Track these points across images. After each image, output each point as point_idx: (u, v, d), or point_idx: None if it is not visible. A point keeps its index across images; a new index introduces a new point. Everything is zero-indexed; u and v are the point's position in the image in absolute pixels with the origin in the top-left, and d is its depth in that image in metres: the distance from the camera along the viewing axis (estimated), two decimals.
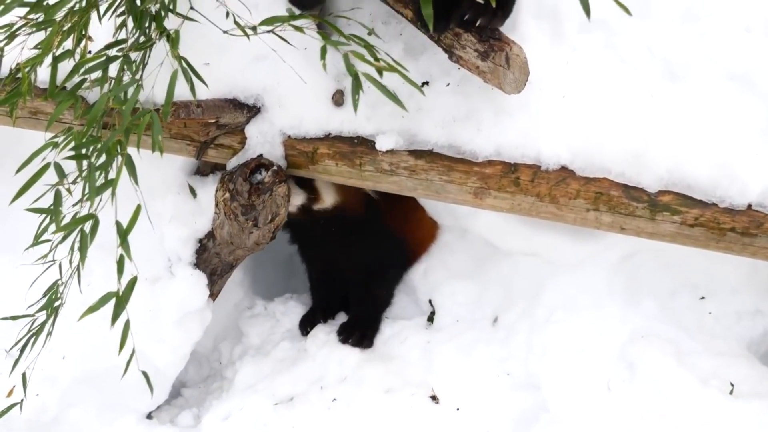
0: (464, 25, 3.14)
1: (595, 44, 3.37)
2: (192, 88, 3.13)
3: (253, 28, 3.04)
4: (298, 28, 2.97)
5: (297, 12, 3.04)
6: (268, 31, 3.06)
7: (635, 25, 3.38)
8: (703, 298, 3.65)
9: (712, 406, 3.33)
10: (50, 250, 3.17)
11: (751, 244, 3.21)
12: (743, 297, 3.62)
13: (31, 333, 3.23)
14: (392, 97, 2.93)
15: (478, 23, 3.11)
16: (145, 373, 3.13)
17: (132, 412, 3.83)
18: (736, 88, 3.32)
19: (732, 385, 3.39)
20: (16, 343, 3.23)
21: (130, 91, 3.05)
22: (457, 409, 3.61)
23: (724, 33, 3.38)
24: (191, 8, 3.23)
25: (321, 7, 3.53)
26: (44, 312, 3.21)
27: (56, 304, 3.20)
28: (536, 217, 3.44)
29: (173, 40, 3.13)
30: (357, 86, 2.86)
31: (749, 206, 3.18)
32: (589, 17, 2.30)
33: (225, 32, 3.15)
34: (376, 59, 2.88)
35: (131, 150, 3.00)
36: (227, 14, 3.15)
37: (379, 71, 2.89)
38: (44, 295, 3.20)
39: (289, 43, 3.08)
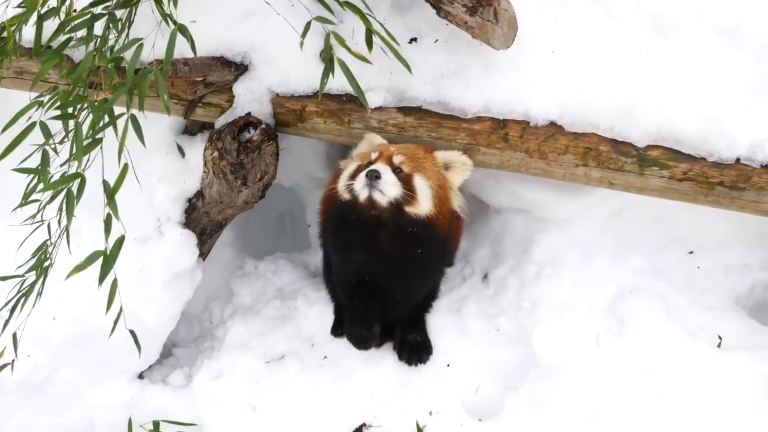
0: None
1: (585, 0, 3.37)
2: (193, 47, 3.17)
3: None
4: None
5: None
6: None
7: None
8: (691, 252, 3.68)
9: (700, 359, 3.34)
10: (38, 211, 3.18)
11: (740, 197, 3.24)
12: (731, 251, 3.65)
13: (20, 293, 3.25)
14: (360, 93, 3.11)
15: None
16: (132, 332, 3.17)
17: (123, 372, 3.86)
18: (725, 42, 3.33)
19: (720, 338, 3.41)
20: (6, 304, 3.24)
21: (131, 51, 3.06)
22: (448, 365, 3.61)
23: None
24: None
25: None
26: (33, 273, 3.22)
27: (45, 264, 3.22)
28: (525, 174, 3.47)
29: (160, 0, 3.12)
30: (328, 70, 2.99)
31: (737, 160, 3.21)
32: None
33: None
34: (370, 34, 2.95)
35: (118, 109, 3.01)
36: None
37: (363, 58, 3.03)
38: (33, 256, 3.22)
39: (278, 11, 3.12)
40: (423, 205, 3.27)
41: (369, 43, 3.01)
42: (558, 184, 3.54)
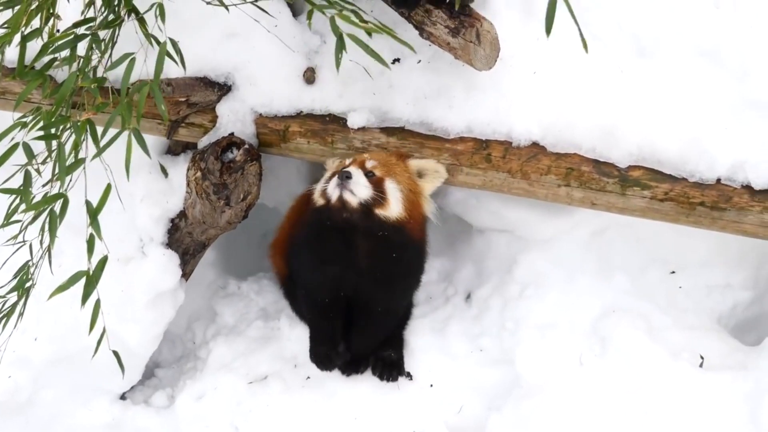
0: (435, 1, 3.16)
1: (566, 20, 3.23)
2: (182, 61, 3.15)
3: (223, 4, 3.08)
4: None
5: None
6: (248, 1, 3.10)
7: (605, 1, 3.41)
8: (673, 272, 3.68)
9: (682, 379, 3.35)
10: (20, 231, 3.15)
11: (720, 217, 3.25)
12: (713, 271, 3.65)
13: (2, 314, 3.22)
14: (375, 55, 2.97)
15: None
16: (115, 353, 3.14)
17: (106, 393, 3.85)
18: (705, 63, 3.35)
19: (702, 358, 3.42)
20: None
21: (122, 67, 3.05)
22: (431, 385, 3.61)
23: (693, 9, 3.40)
24: None
25: None
26: (15, 293, 3.19)
27: (27, 284, 3.19)
28: (508, 194, 3.47)
29: (144, 21, 3.12)
30: (341, 46, 2.90)
31: (718, 180, 3.22)
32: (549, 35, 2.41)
33: (208, 2, 3.18)
34: (363, 21, 2.94)
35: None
36: None
37: (368, 32, 2.95)
38: (15, 276, 3.19)
39: (261, 18, 3.12)
40: (393, 208, 3.27)
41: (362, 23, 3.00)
42: (540, 204, 3.54)
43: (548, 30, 2.37)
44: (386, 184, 3.27)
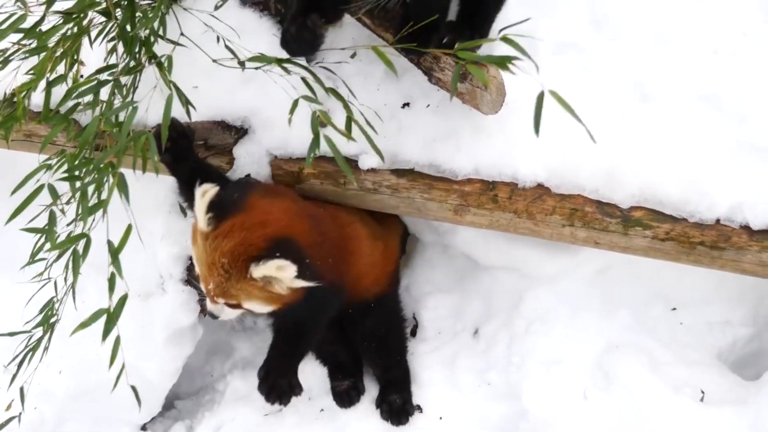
0: (442, 47, 3.11)
1: (569, 66, 3.39)
2: (188, 111, 3.17)
3: (242, 64, 3.10)
4: (285, 70, 3.05)
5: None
6: (256, 68, 3.10)
7: (607, 47, 3.43)
8: (674, 309, 3.65)
9: (684, 413, 3.33)
10: (45, 269, 3.16)
11: (720, 257, 3.22)
12: (713, 308, 3.63)
13: (28, 348, 3.22)
14: (345, 167, 2.98)
15: (456, 47, 3.01)
16: (133, 388, 3.12)
17: (127, 424, 3.83)
18: (704, 108, 3.35)
19: (703, 392, 3.39)
20: (14, 359, 3.21)
21: (124, 114, 3.04)
22: (440, 418, 3.61)
23: (692, 55, 3.43)
24: (181, 34, 3.26)
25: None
26: (41, 328, 3.20)
27: (52, 320, 3.20)
28: (514, 233, 3.45)
29: (162, 65, 3.14)
30: (314, 145, 2.94)
31: (717, 221, 3.20)
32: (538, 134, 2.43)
33: (214, 61, 3.20)
34: (350, 120, 3.00)
35: (125, 170, 3.01)
36: (218, 39, 3.21)
37: (346, 134, 2.99)
38: (40, 312, 3.20)
39: (276, 80, 3.12)
40: (263, 310, 3.16)
41: (348, 128, 3.04)
42: (546, 242, 3.53)
43: (536, 129, 2.37)
44: (245, 306, 3.12)
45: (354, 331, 3.58)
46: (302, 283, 2.97)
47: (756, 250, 3.15)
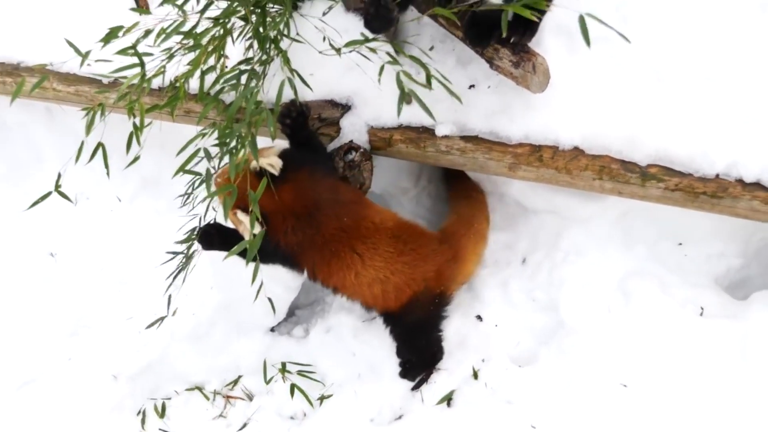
0: (501, 42, 3.21)
1: (600, 55, 3.36)
2: (295, 92, 3.26)
3: (338, 50, 3.12)
4: (371, 49, 3.06)
5: (370, 36, 3.09)
6: (350, 51, 3.11)
7: (631, 40, 3.25)
8: (680, 244, 3.65)
9: (687, 324, 3.36)
10: (193, 206, 3.34)
11: (719, 204, 3.24)
12: (712, 243, 3.61)
13: (179, 268, 3.39)
14: (426, 109, 2.91)
15: (512, 40, 3.18)
16: (270, 300, 3.26)
17: (260, 327, 3.94)
18: (708, 86, 3.31)
19: (702, 309, 3.42)
20: (176, 275, 3.40)
21: (273, 90, 3.14)
22: (496, 326, 3.65)
23: (700, 44, 3.36)
24: (297, 33, 3.35)
25: (394, 29, 3.55)
26: (194, 248, 3.37)
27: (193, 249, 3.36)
28: (555, 185, 3.47)
29: (287, 58, 3.24)
30: (402, 98, 2.89)
31: (717, 175, 3.21)
32: (589, 45, 2.38)
33: (320, 52, 3.27)
34: (428, 75, 2.94)
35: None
36: (323, 38, 3.26)
37: (425, 85, 2.95)
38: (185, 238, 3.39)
39: (367, 58, 3.15)
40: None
41: (428, 81, 2.98)
42: (580, 192, 3.54)
43: (587, 42, 2.38)
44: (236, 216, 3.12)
45: None
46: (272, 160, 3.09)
47: (748, 199, 3.16)
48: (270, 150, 3.29)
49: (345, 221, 3.21)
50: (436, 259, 3.34)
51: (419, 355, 3.56)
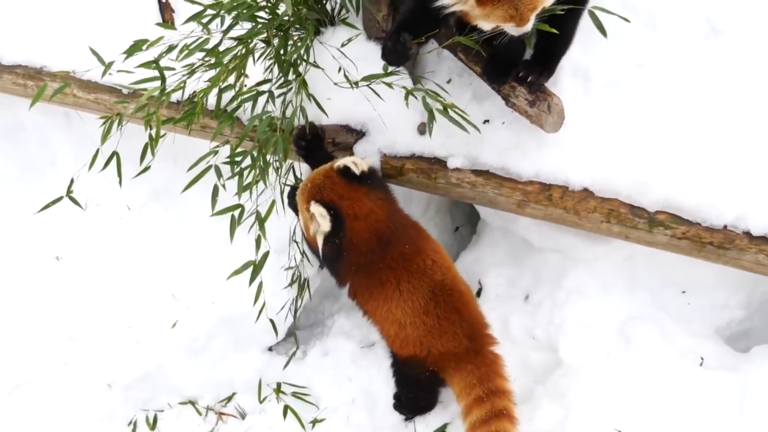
0: (518, 80, 3.26)
1: (614, 98, 3.40)
2: (313, 113, 3.33)
3: (355, 83, 3.19)
4: (388, 84, 3.14)
5: (390, 68, 3.17)
6: (366, 85, 3.21)
7: (643, 84, 3.41)
8: (684, 292, 3.64)
9: (686, 374, 3.34)
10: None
11: (724, 255, 3.25)
12: (715, 293, 3.60)
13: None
14: (456, 123, 3.09)
15: (529, 79, 3.23)
16: (272, 321, 3.34)
17: (258, 345, 3.92)
18: (722, 137, 3.32)
19: (702, 359, 3.40)
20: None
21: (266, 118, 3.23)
22: None
23: (714, 93, 3.37)
24: (314, 61, 3.40)
25: (413, 62, 3.59)
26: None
27: None
28: (562, 224, 3.48)
29: (305, 83, 3.30)
30: (431, 118, 3.05)
31: (724, 227, 3.22)
32: (605, 36, 2.58)
33: (335, 84, 3.32)
34: (445, 105, 3.06)
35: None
36: (339, 69, 3.29)
37: (445, 108, 3.07)
38: None
39: (379, 96, 3.24)
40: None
41: (445, 110, 3.11)
42: (586, 233, 3.55)
43: (603, 33, 2.80)
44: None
45: None
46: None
47: (754, 252, 3.17)
48: (359, 158, 3.33)
49: (407, 248, 3.20)
50: (450, 345, 3.22)
51: (411, 400, 3.57)
